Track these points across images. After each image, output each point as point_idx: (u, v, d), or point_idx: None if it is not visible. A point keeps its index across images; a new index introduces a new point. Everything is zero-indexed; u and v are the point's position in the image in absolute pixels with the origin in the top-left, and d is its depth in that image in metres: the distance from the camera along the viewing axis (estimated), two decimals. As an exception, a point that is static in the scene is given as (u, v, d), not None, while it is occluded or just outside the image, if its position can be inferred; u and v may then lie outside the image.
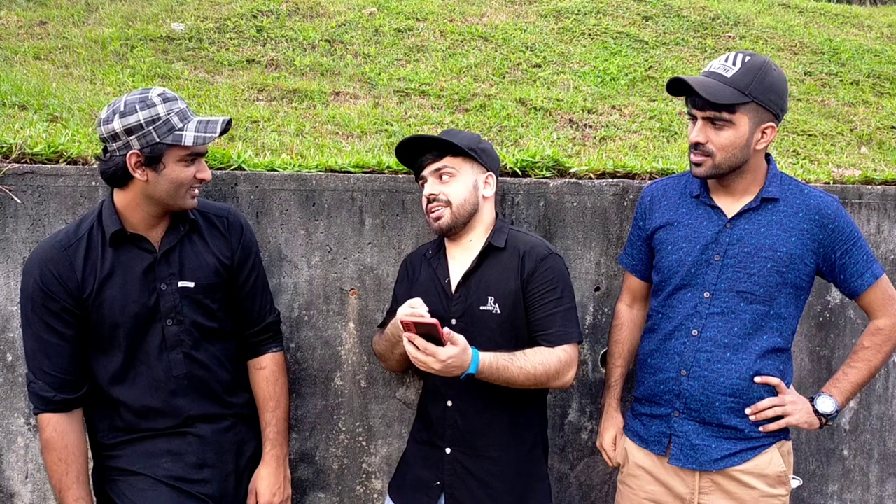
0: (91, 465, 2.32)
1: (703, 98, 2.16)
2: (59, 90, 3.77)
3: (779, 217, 2.29)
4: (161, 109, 2.07)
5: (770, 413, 2.32)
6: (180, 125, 2.09)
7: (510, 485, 2.38)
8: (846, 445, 3.40)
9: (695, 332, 2.33)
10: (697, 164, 2.27)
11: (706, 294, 2.32)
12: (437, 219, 2.36)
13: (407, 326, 2.09)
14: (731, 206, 2.33)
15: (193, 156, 2.14)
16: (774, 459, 2.34)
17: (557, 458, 3.05)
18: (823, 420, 2.39)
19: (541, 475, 2.45)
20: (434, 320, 2.07)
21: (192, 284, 2.24)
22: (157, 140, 2.07)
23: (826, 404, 2.38)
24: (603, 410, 2.70)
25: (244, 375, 2.42)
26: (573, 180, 2.97)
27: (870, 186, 3.34)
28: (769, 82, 2.18)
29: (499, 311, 2.32)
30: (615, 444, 2.60)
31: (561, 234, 2.93)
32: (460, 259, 2.41)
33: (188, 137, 2.08)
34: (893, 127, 5.00)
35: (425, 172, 2.41)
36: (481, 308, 2.33)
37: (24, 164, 2.56)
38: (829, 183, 3.39)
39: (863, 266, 2.31)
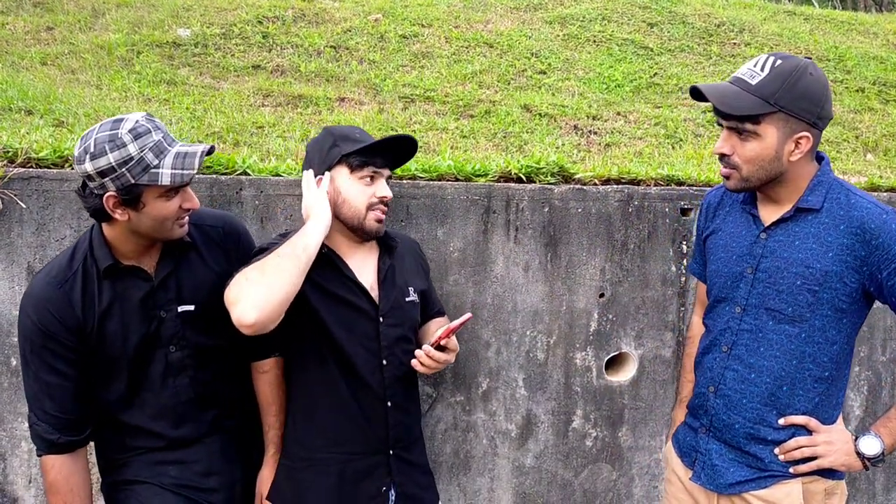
0: (99, 480, 2.31)
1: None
2: (66, 95, 3.78)
3: (817, 229, 2.05)
4: (132, 149, 1.92)
5: (798, 454, 2.11)
6: (156, 162, 1.95)
7: (426, 459, 2.48)
8: (852, 453, 3.38)
9: (724, 349, 2.19)
10: (726, 178, 2.10)
11: (738, 309, 2.16)
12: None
13: None
14: (770, 215, 2.13)
15: (176, 188, 2.02)
16: (794, 492, 2.12)
17: (562, 465, 3.04)
18: (867, 463, 2.10)
19: None
20: None
21: (191, 308, 2.18)
22: (133, 181, 1.94)
23: (870, 446, 2.09)
24: (672, 422, 2.57)
25: (250, 384, 2.41)
26: (578, 186, 2.97)
27: (876, 193, 3.33)
28: (801, 89, 1.96)
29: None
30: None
31: (566, 241, 2.92)
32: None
33: (165, 176, 1.96)
34: (899, 134, 4.99)
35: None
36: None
37: (30, 169, 2.56)
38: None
39: None
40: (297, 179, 2.72)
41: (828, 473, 2.14)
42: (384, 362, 2.27)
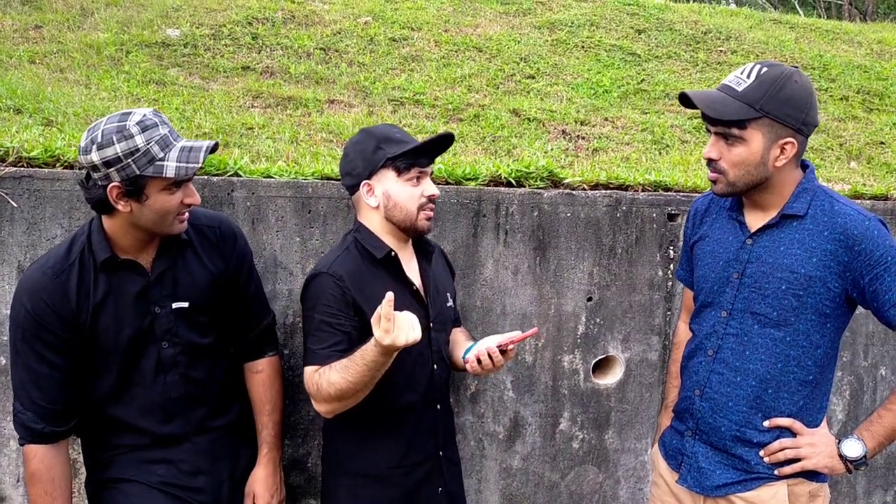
0: (84, 477, 2.31)
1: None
2: (54, 94, 3.77)
3: (801, 235, 2.10)
4: (139, 140, 1.95)
5: (782, 456, 2.15)
6: (161, 154, 1.98)
7: (458, 456, 2.54)
8: (834, 457, 3.42)
9: (710, 353, 2.22)
10: (713, 182, 2.15)
11: (724, 313, 2.20)
12: None
13: None
14: (756, 221, 2.18)
15: (179, 182, 2.05)
16: (779, 494, 2.16)
17: (548, 467, 3.06)
18: (850, 466, 2.14)
19: None
20: None
21: (186, 304, 2.19)
22: (138, 172, 1.97)
23: (852, 448, 2.12)
24: (658, 427, 2.61)
25: (240, 385, 2.41)
26: (567, 191, 3.00)
27: (859, 201, 3.38)
28: (785, 95, 2.01)
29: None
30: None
31: (554, 245, 2.95)
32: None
33: (170, 168, 1.98)
34: (882, 142, 5.06)
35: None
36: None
37: (21, 168, 2.56)
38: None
39: None
40: (288, 181, 2.73)
41: (812, 476, 2.18)
42: (435, 367, 2.29)
